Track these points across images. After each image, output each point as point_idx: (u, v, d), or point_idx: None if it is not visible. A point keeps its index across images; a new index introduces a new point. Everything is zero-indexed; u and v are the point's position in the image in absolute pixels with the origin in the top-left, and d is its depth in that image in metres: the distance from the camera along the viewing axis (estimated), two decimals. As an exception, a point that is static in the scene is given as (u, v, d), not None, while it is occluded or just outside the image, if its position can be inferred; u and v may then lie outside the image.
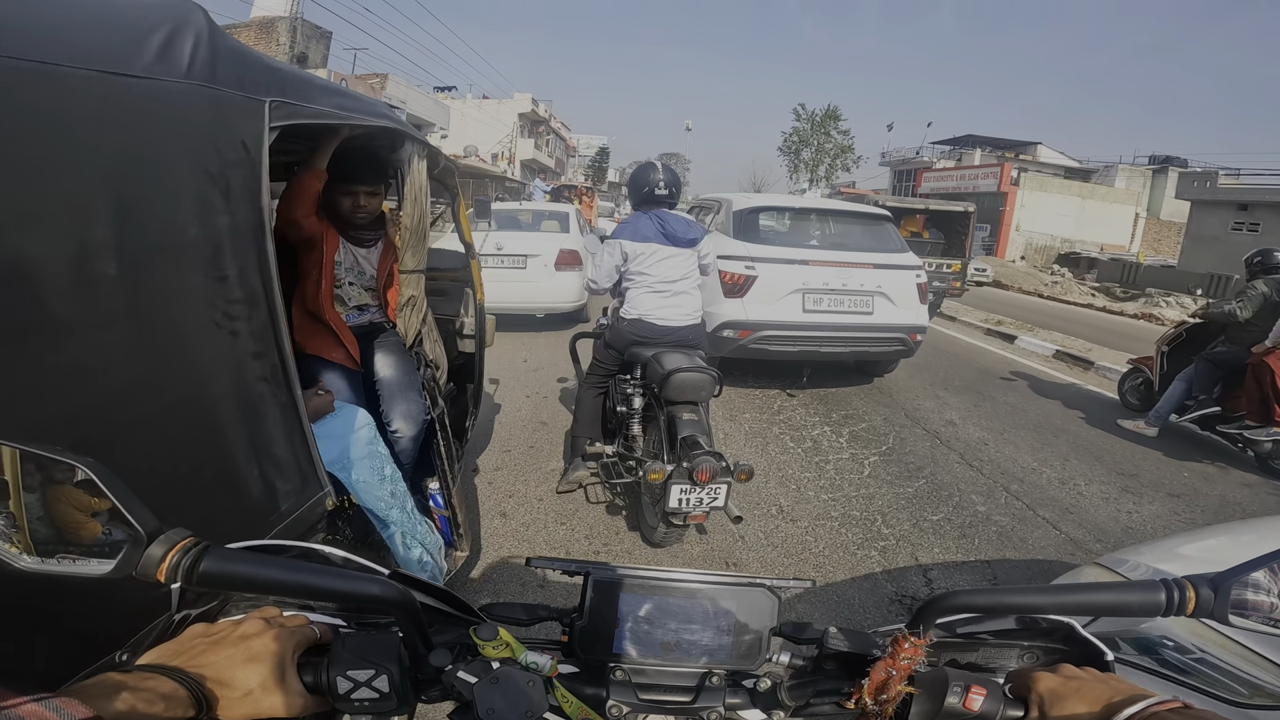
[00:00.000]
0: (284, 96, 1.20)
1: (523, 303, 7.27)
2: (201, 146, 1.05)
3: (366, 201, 2.12)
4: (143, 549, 0.51)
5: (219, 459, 1.09)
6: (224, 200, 1.07)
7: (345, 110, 1.43)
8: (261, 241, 1.13)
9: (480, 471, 3.74)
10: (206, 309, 1.05)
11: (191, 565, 0.51)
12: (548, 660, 0.61)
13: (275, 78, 1.21)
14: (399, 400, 2.06)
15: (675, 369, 2.74)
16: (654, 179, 3.21)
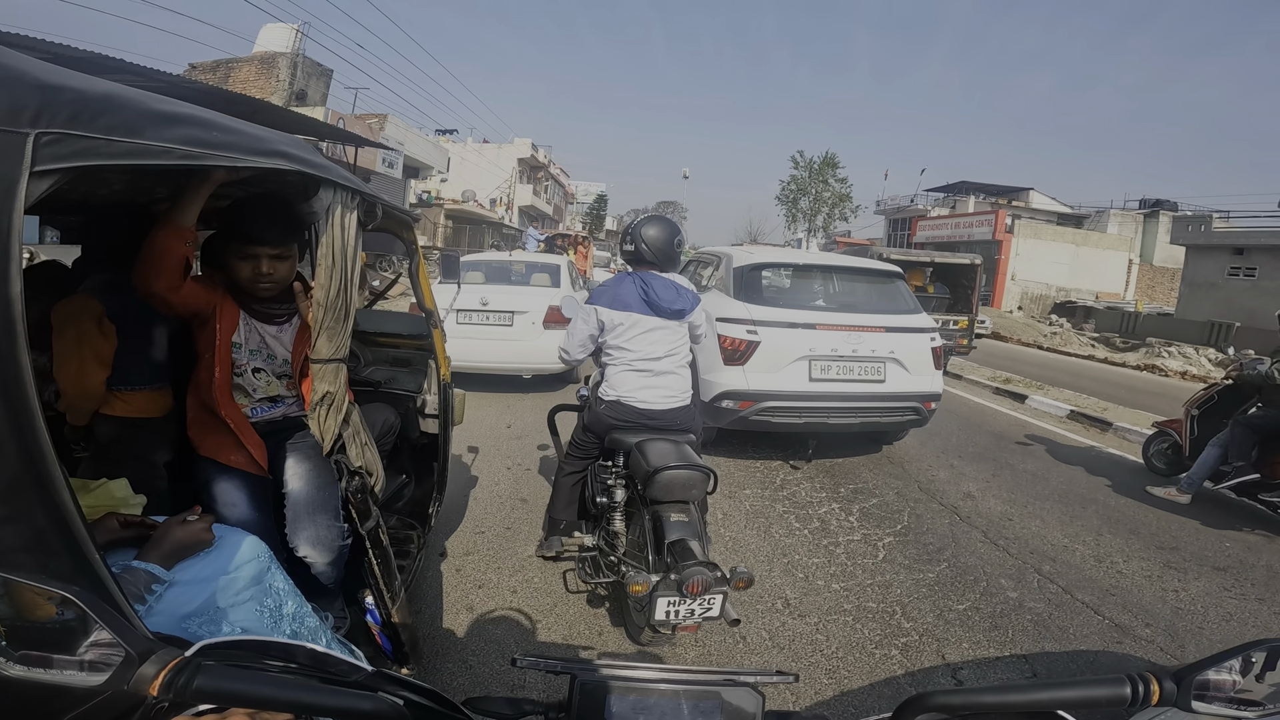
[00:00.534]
0: (70, 127, 0.80)
1: (508, 362, 6.84)
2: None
3: (272, 267, 1.69)
4: (135, 668, 0.54)
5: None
6: None
7: (204, 146, 1.01)
8: (10, 352, 0.71)
9: (448, 556, 3.32)
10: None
11: (185, 683, 0.53)
12: None
13: (57, 100, 0.80)
14: (306, 523, 1.63)
15: (662, 466, 2.35)
16: (647, 237, 2.83)
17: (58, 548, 0.79)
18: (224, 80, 16.81)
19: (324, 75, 18.76)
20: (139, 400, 1.83)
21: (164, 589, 1.16)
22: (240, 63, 17.71)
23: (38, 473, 0.75)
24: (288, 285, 1.77)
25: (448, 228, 27.72)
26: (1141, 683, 0.59)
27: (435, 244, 24.14)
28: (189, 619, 1.15)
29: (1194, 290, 22.46)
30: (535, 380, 7.18)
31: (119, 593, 0.86)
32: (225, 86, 15.02)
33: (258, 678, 0.56)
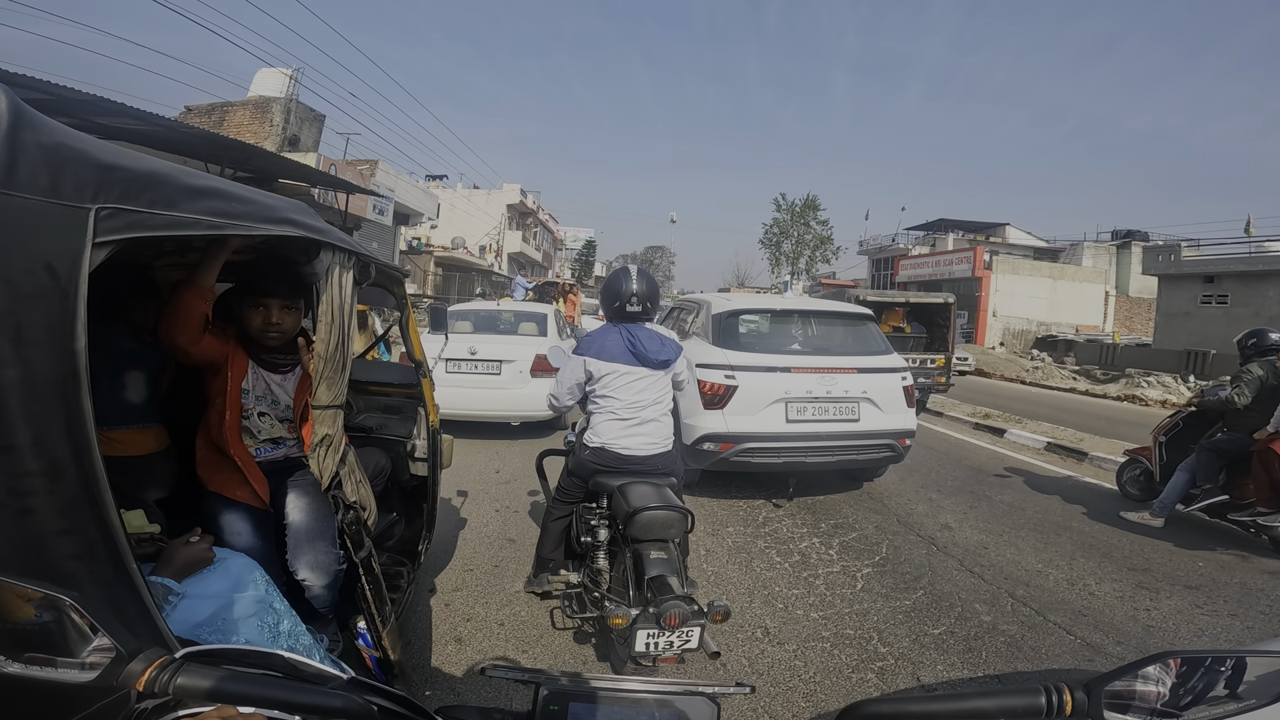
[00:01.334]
0: (122, 202, 0.94)
1: (497, 410, 6.99)
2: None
3: (280, 318, 1.88)
4: (124, 665, 0.58)
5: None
6: (11, 346, 0.82)
7: (226, 216, 1.18)
8: (74, 395, 0.88)
9: (437, 592, 3.43)
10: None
11: (170, 679, 0.57)
12: None
13: (111, 178, 0.95)
14: (306, 549, 1.78)
15: (642, 507, 2.49)
16: (626, 293, 2.92)
17: (104, 557, 0.95)
18: (219, 124, 17.02)
19: (316, 120, 19.03)
20: (126, 439, 1.94)
21: (178, 600, 1.31)
22: (235, 107, 17.95)
23: (92, 495, 0.92)
24: (293, 337, 1.96)
25: (437, 275, 28.02)
26: (1055, 693, 0.61)
27: (425, 292, 24.32)
28: (200, 628, 1.29)
29: (1169, 320, 22.96)
30: (523, 427, 7.31)
31: (149, 597, 1.01)
32: (220, 130, 15.13)
33: (235, 676, 0.59)
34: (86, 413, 0.89)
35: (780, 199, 43.00)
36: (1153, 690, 0.61)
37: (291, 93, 18.20)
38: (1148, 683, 0.62)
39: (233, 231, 1.21)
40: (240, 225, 1.23)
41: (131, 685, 0.57)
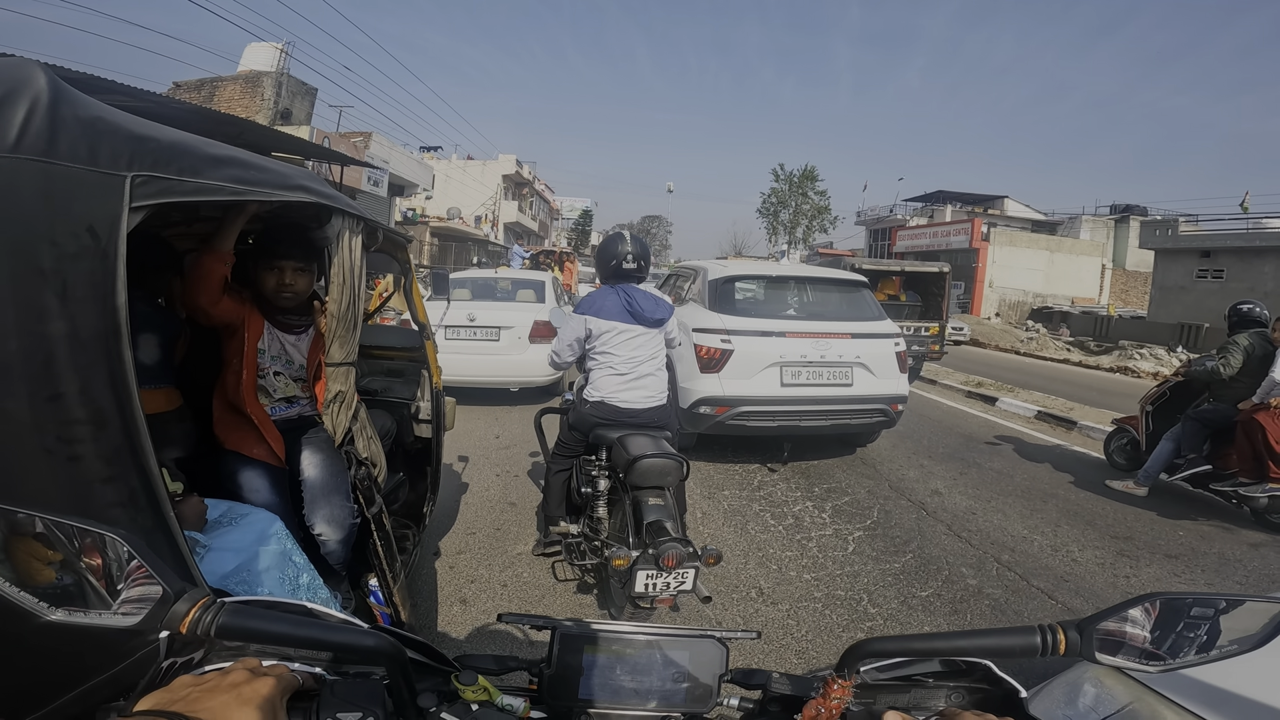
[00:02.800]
0: (154, 170, 1.01)
1: (495, 376, 7.05)
2: (28, 236, 0.87)
3: (294, 279, 1.94)
4: (169, 606, 0.57)
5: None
6: (59, 301, 0.89)
7: (246, 183, 1.24)
8: (115, 348, 0.94)
9: (441, 555, 3.52)
10: (32, 436, 0.87)
11: (212, 620, 0.57)
12: (521, 703, 0.69)
13: (143, 148, 1.02)
14: (322, 503, 1.86)
15: (640, 455, 2.61)
16: (621, 251, 3.07)
17: (145, 505, 1.01)
18: (209, 99, 16.82)
19: (308, 94, 18.82)
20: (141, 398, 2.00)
21: (205, 552, 1.38)
22: (225, 82, 17.72)
23: (134, 444, 0.98)
24: (305, 298, 2.02)
25: (433, 245, 27.85)
26: (1050, 633, 0.63)
27: (422, 261, 24.20)
28: (225, 579, 1.37)
29: (1164, 293, 23.07)
30: (522, 392, 7.39)
31: (185, 545, 1.08)
32: (210, 105, 15.02)
33: (272, 617, 0.60)
34: (128, 365, 0.95)
35: (778, 169, 42.75)
36: (1140, 632, 0.63)
37: (282, 67, 17.90)
38: (1135, 624, 0.64)
39: (252, 197, 1.27)
40: (259, 191, 1.28)
41: (176, 627, 0.57)
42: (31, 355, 0.86)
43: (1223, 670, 1.31)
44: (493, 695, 0.69)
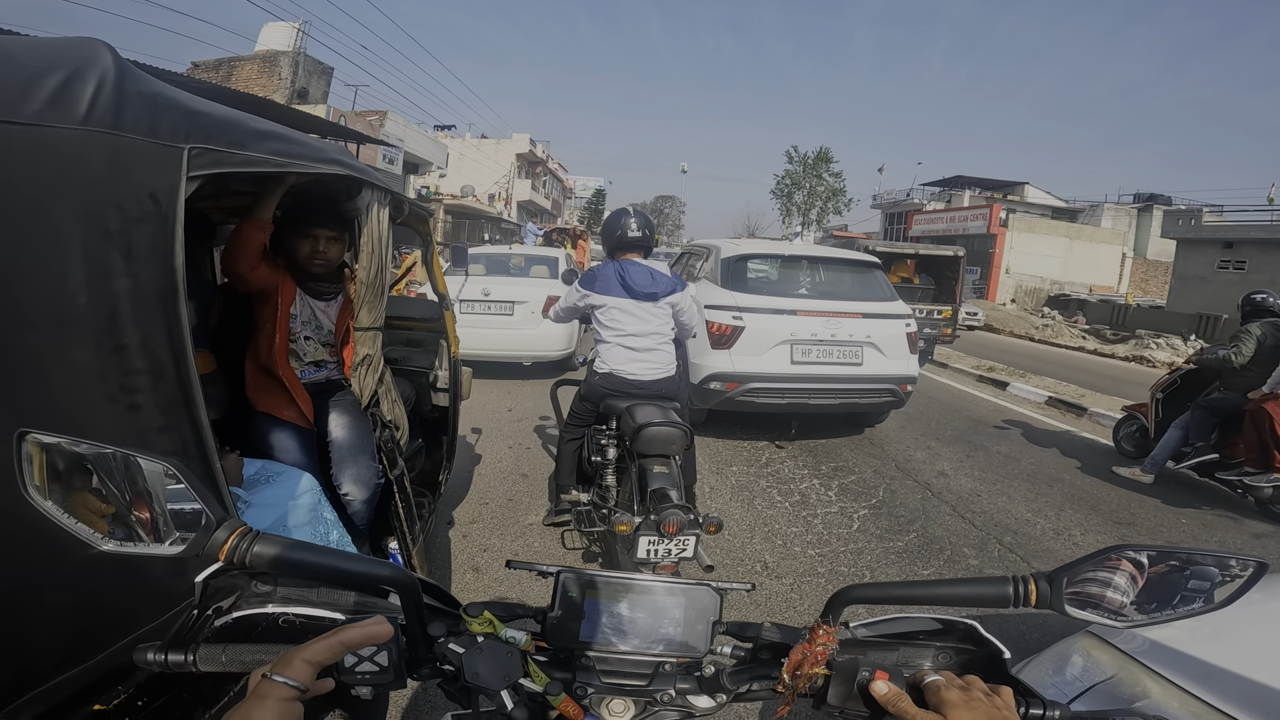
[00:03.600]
0: (207, 143, 1.09)
1: (509, 350, 7.16)
2: (97, 201, 0.95)
3: (327, 247, 2.03)
4: (210, 533, 0.61)
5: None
6: (124, 260, 0.97)
7: (287, 156, 1.33)
8: (172, 305, 1.03)
9: (455, 524, 3.63)
10: (98, 384, 0.95)
11: (247, 548, 0.61)
12: (523, 636, 0.73)
13: (197, 123, 1.10)
14: (349, 463, 1.95)
15: (646, 423, 2.68)
16: (625, 223, 3.16)
17: (195, 455, 1.10)
18: (227, 78, 16.93)
19: (325, 73, 18.87)
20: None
21: (245, 507, 1.47)
22: (243, 61, 17.82)
23: (187, 396, 1.06)
24: (336, 266, 2.10)
25: (447, 223, 27.91)
26: (1022, 584, 0.65)
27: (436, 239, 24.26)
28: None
29: (1184, 283, 22.76)
30: (534, 367, 7.49)
31: (228, 494, 1.17)
32: (229, 84, 15.15)
33: (302, 547, 0.64)
34: (184, 321, 1.03)
35: (792, 151, 42.29)
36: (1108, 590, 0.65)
37: (299, 46, 17.91)
38: (1103, 578, 0.65)
39: (292, 168, 1.35)
40: (298, 164, 1.36)
41: (215, 554, 0.61)
42: (99, 309, 0.94)
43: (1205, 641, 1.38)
44: (497, 629, 0.73)
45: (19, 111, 0.86)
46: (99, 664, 0.97)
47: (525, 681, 0.71)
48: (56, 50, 0.96)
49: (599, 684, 0.75)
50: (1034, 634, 2.92)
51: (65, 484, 0.60)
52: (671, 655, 0.76)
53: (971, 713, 0.63)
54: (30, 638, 0.91)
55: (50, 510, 0.60)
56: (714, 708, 0.76)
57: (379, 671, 0.65)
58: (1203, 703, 1.11)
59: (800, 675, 0.71)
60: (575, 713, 0.72)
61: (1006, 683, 0.68)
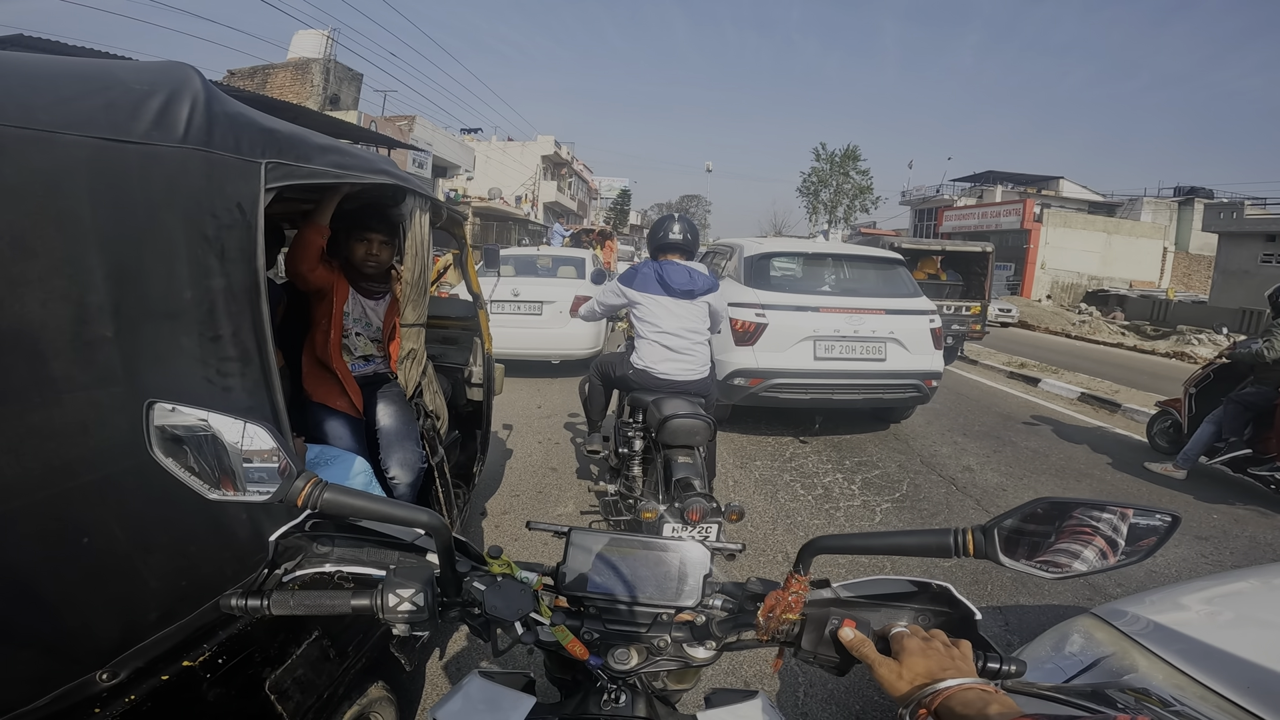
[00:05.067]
0: (280, 158, 1.24)
1: (538, 349, 7.35)
2: (197, 210, 1.08)
3: (379, 250, 2.20)
4: (292, 482, 0.72)
5: (205, 508, 1.12)
6: (219, 262, 1.11)
7: (343, 168, 1.48)
8: (256, 301, 1.18)
9: (488, 515, 3.79)
10: (200, 368, 1.10)
11: (319, 495, 0.72)
12: (535, 577, 0.85)
13: (272, 139, 1.25)
14: (396, 449, 2.11)
15: (671, 415, 2.80)
16: (668, 226, 3.33)
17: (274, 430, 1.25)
18: (261, 86, 17.46)
19: (355, 79, 19.33)
20: None
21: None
22: (276, 69, 18.33)
23: (269, 381, 1.22)
24: (386, 268, 2.28)
25: (475, 225, 28.34)
26: (960, 535, 0.70)
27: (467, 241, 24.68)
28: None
29: (1227, 278, 22.13)
30: (563, 365, 7.67)
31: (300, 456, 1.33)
32: (264, 92, 15.64)
33: (360, 495, 0.76)
34: (265, 315, 1.19)
35: (820, 148, 41.73)
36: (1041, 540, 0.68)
37: (329, 53, 18.39)
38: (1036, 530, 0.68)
39: (349, 179, 1.51)
40: (353, 175, 1.53)
41: (294, 501, 0.72)
42: (200, 303, 1.09)
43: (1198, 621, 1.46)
44: (513, 570, 0.85)
45: (132, 131, 1.00)
46: (191, 621, 1.11)
47: (536, 616, 0.82)
48: (155, 74, 1.11)
49: (604, 629, 0.85)
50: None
51: (182, 445, 0.73)
52: (668, 605, 0.85)
53: (925, 660, 0.68)
54: (141, 593, 1.04)
55: (170, 466, 0.73)
56: (709, 658, 0.85)
57: (416, 610, 0.77)
58: (1186, 676, 1.19)
59: (773, 618, 0.80)
60: (581, 652, 0.81)
61: (977, 642, 0.74)
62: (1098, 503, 0.69)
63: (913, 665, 0.69)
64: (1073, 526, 0.68)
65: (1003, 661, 0.74)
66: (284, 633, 1.30)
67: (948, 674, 0.67)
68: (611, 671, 0.83)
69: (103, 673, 0.97)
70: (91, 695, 0.96)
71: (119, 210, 0.98)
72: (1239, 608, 1.62)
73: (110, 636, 0.99)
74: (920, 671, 0.68)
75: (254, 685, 1.20)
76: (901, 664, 0.70)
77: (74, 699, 0.94)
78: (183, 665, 1.09)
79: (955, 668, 0.68)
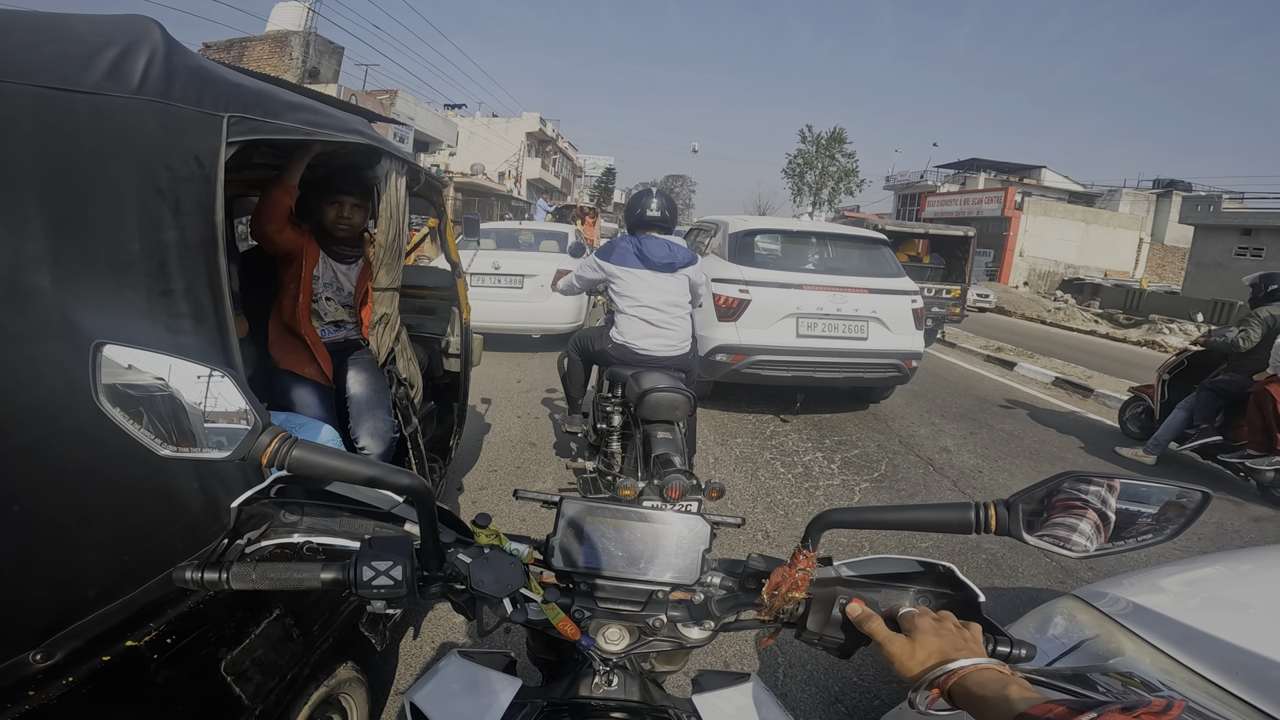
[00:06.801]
0: (245, 112, 1.19)
1: (518, 322, 7.26)
2: (150, 162, 1.04)
3: (351, 213, 2.13)
4: (256, 437, 0.65)
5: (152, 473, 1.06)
6: (173, 215, 1.06)
7: (314, 126, 1.43)
8: (213, 257, 1.12)
9: (464, 490, 3.73)
10: (149, 323, 1.03)
11: (287, 452, 0.65)
12: (525, 549, 0.79)
13: (237, 94, 1.20)
14: (367, 417, 2.05)
15: (650, 389, 2.75)
16: (645, 203, 3.25)
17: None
18: (238, 59, 17.00)
19: (335, 52, 18.89)
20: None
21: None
22: (254, 41, 17.86)
23: (224, 340, 1.15)
24: (358, 232, 2.20)
25: (457, 200, 27.93)
26: (983, 509, 0.68)
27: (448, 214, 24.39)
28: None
29: (1201, 269, 22.53)
30: (543, 339, 7.60)
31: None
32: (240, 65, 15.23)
33: (334, 453, 0.68)
34: (222, 270, 1.12)
35: (806, 130, 41.63)
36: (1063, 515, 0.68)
37: (310, 25, 17.91)
38: (1058, 506, 0.68)
39: (319, 137, 1.46)
40: (324, 133, 1.48)
41: (259, 458, 0.64)
42: (150, 256, 1.03)
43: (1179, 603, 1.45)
44: (501, 541, 0.78)
45: (82, 81, 0.96)
46: (136, 598, 1.05)
47: (526, 592, 0.75)
48: (112, 26, 1.06)
49: (596, 608, 0.79)
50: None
51: (133, 393, 0.65)
52: (664, 582, 0.80)
53: (939, 639, 0.67)
54: (79, 567, 0.98)
55: (118, 418, 0.65)
56: (704, 638, 0.81)
57: (393, 585, 0.69)
58: (1172, 659, 1.18)
59: (778, 595, 0.75)
60: (572, 632, 0.76)
61: (984, 625, 0.72)
62: (1124, 480, 0.67)
63: (926, 644, 0.67)
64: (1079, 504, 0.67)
65: (1013, 645, 0.72)
66: (241, 610, 1.24)
67: (961, 654, 0.65)
68: (602, 652, 0.78)
69: (36, 653, 0.91)
70: (25, 677, 0.89)
71: (64, 159, 0.93)
72: (1215, 591, 1.63)
73: (44, 614, 0.93)
74: (934, 650, 0.66)
75: (209, 667, 1.15)
76: (914, 642, 0.68)
77: (5, 681, 0.88)
78: (126, 645, 1.02)
79: (968, 649, 0.66)
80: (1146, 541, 0.67)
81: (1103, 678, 1.14)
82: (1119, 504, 0.68)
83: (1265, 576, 1.63)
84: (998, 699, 0.58)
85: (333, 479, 0.78)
